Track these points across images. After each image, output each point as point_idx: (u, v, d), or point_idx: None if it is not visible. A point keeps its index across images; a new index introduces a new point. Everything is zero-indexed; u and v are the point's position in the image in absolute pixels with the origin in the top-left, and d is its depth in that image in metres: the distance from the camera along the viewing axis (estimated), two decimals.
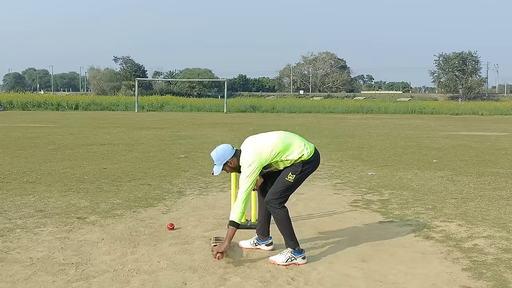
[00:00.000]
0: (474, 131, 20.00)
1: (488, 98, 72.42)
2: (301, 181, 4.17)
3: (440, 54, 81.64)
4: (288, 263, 3.96)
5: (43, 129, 18.11)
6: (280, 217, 4.05)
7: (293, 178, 4.06)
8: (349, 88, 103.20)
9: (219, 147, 4.17)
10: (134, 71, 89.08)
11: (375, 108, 43.01)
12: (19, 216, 5.36)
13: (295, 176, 4.06)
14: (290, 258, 3.99)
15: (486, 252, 4.30)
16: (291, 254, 4.00)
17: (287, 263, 3.96)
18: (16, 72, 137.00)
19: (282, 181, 4.08)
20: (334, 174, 8.41)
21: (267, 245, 4.37)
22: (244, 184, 3.95)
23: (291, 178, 4.06)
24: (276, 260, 4.01)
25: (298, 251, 4.02)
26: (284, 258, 3.99)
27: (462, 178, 8.11)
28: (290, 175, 4.05)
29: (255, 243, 4.40)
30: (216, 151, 4.15)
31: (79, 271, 3.79)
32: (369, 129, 20.56)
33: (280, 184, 4.08)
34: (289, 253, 4.01)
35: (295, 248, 4.02)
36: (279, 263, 3.97)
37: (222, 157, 4.10)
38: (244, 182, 3.95)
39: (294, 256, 4.00)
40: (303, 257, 4.04)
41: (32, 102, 39.44)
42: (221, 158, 4.10)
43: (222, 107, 40.18)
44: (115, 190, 6.83)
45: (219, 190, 6.97)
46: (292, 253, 4.01)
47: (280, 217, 4.05)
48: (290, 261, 3.98)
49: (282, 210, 4.06)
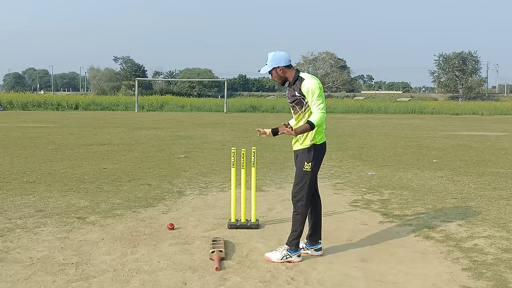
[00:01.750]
0: (474, 131, 20.00)
1: (488, 98, 72.39)
2: (316, 169, 4.13)
3: (440, 54, 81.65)
4: (283, 261, 4.02)
5: (43, 129, 18.10)
6: (299, 213, 4.09)
7: (310, 166, 4.06)
8: (349, 88, 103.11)
9: (279, 51, 4.12)
10: (134, 71, 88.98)
11: (375, 108, 43.00)
12: (19, 216, 5.36)
13: (310, 163, 4.06)
14: (285, 256, 4.04)
15: (486, 252, 4.30)
16: (287, 252, 4.05)
17: (282, 261, 4.02)
18: (16, 72, 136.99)
19: (300, 172, 4.08)
20: (334, 174, 8.41)
21: (316, 250, 4.28)
22: (318, 103, 3.94)
23: (308, 167, 4.06)
24: (271, 257, 4.06)
25: (294, 250, 4.07)
26: (279, 255, 4.05)
27: (462, 178, 8.11)
28: (306, 164, 4.06)
29: (304, 248, 4.29)
30: (274, 52, 4.11)
31: (79, 271, 3.79)
32: (369, 129, 20.56)
33: (300, 176, 4.08)
34: (284, 250, 4.06)
35: (293, 247, 4.07)
36: (274, 260, 4.03)
37: (277, 60, 4.07)
38: (318, 103, 3.94)
39: (290, 254, 4.06)
40: (298, 255, 4.09)
41: (32, 102, 39.42)
42: (275, 60, 4.07)
43: (222, 107, 40.16)
44: (115, 190, 6.83)
45: (219, 190, 6.97)
46: (288, 251, 4.06)
47: (300, 214, 4.09)
48: (285, 259, 4.03)
49: (305, 208, 4.10)
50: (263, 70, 4.13)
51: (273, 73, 4.11)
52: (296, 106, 4.10)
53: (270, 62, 4.09)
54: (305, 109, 4.04)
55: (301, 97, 4.03)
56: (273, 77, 4.15)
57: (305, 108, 4.04)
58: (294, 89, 4.08)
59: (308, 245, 4.30)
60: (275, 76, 4.12)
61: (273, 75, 4.13)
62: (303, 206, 4.09)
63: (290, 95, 4.14)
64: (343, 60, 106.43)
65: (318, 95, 3.95)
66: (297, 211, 4.11)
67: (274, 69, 4.09)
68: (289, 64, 4.09)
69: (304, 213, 4.12)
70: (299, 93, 4.03)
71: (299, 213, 4.10)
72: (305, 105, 4.03)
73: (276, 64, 4.07)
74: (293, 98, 4.10)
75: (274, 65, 4.07)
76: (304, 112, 4.06)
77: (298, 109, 4.09)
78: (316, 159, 4.09)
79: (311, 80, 4.00)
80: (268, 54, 4.13)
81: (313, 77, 4.05)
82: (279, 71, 4.08)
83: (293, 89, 4.09)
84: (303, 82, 4.01)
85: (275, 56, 4.08)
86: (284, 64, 4.07)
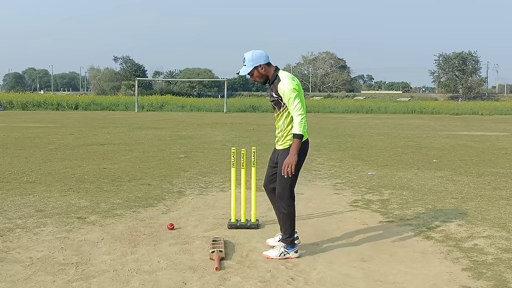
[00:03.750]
0: (474, 131, 20.00)
1: (488, 98, 72.40)
2: (299, 167, 4.11)
3: (440, 54, 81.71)
4: (281, 257, 4.08)
5: (43, 129, 18.10)
6: (288, 212, 4.13)
7: None
8: (349, 88, 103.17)
9: (256, 50, 4.07)
10: (134, 71, 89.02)
11: (375, 108, 43.01)
12: (19, 216, 5.36)
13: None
14: (283, 252, 4.12)
15: (486, 252, 4.30)
16: (284, 249, 4.12)
17: (280, 257, 4.08)
18: (16, 72, 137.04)
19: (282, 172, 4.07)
20: (334, 174, 8.41)
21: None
22: (294, 106, 3.91)
23: None
24: (270, 255, 4.12)
25: (291, 246, 4.14)
26: (277, 252, 4.12)
27: (462, 178, 8.11)
28: None
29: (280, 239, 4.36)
30: (252, 52, 4.05)
31: (79, 271, 3.79)
32: (369, 129, 20.55)
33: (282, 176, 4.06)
34: (282, 247, 4.12)
35: (289, 244, 4.13)
36: (273, 257, 4.10)
37: (256, 59, 4.02)
38: (294, 104, 3.91)
39: (287, 251, 4.13)
40: (296, 251, 4.16)
41: (32, 102, 39.45)
42: (255, 60, 4.02)
43: (222, 107, 40.17)
44: (115, 190, 6.83)
45: (219, 190, 6.97)
46: (285, 248, 4.13)
47: (289, 212, 4.13)
48: (283, 256, 4.10)
49: (292, 207, 4.14)
50: (242, 71, 4.06)
51: (255, 72, 4.05)
52: (275, 107, 4.11)
53: (250, 62, 4.02)
54: (283, 109, 4.05)
55: (279, 98, 4.01)
56: (253, 77, 4.09)
57: (283, 108, 4.05)
58: (272, 89, 4.07)
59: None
60: (257, 76, 4.07)
61: (254, 75, 4.07)
62: (288, 206, 4.12)
63: (269, 94, 4.14)
64: (343, 60, 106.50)
65: (294, 98, 3.91)
66: (285, 212, 4.14)
67: (255, 69, 4.03)
68: (268, 62, 4.07)
69: (291, 212, 4.13)
70: (276, 94, 4.02)
71: (285, 213, 4.14)
72: (283, 106, 4.03)
73: (256, 63, 4.02)
74: (271, 98, 4.10)
75: (255, 64, 4.02)
76: (282, 112, 4.07)
77: (277, 109, 4.10)
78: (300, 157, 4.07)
79: (286, 82, 3.95)
80: (245, 54, 4.06)
81: (289, 78, 3.99)
82: (261, 70, 4.04)
83: (271, 89, 4.08)
84: (279, 83, 3.98)
85: (254, 55, 4.03)
86: (264, 62, 4.04)
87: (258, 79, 4.09)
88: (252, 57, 4.02)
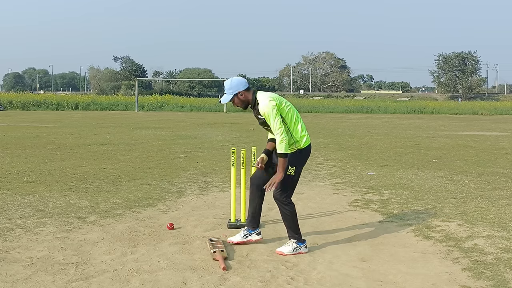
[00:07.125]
0: (474, 131, 20.00)
1: (488, 98, 72.44)
2: (299, 172, 4.26)
3: (440, 54, 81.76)
4: (294, 253, 4.20)
5: (43, 129, 18.10)
6: (288, 212, 4.23)
7: (293, 170, 4.16)
8: (349, 88, 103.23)
9: (234, 78, 4.22)
10: (134, 71, 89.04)
11: (375, 108, 43.02)
12: (19, 216, 5.36)
13: (294, 167, 4.16)
14: (296, 248, 4.22)
15: (486, 252, 4.30)
16: (296, 245, 4.23)
17: (294, 253, 4.20)
18: (16, 72, 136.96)
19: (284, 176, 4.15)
20: (334, 174, 8.40)
21: (257, 234, 4.50)
22: (274, 126, 4.02)
23: (291, 171, 4.15)
24: (283, 251, 4.22)
25: (301, 241, 4.26)
26: (290, 248, 4.22)
27: (462, 178, 8.11)
28: (290, 168, 4.13)
29: (246, 235, 4.48)
30: (230, 80, 4.19)
31: (79, 270, 3.79)
32: (369, 129, 20.55)
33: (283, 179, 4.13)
34: (294, 243, 4.24)
35: (299, 239, 4.25)
36: (286, 253, 4.19)
37: (235, 86, 4.16)
38: (273, 124, 4.02)
39: (299, 246, 4.24)
40: (305, 246, 4.30)
41: (32, 102, 39.45)
42: (234, 87, 4.15)
43: (222, 107, 40.16)
44: (115, 190, 6.83)
45: (219, 190, 6.97)
46: (296, 243, 4.24)
47: (288, 212, 4.23)
48: (296, 251, 4.21)
49: (290, 206, 4.23)
50: (224, 99, 4.20)
51: (235, 99, 4.19)
52: (264, 125, 4.23)
53: (229, 90, 4.17)
54: None
55: (264, 118, 4.13)
56: (235, 103, 4.23)
57: None
58: (255, 110, 4.19)
59: (249, 231, 4.47)
60: (238, 102, 4.21)
61: (235, 102, 4.21)
62: (289, 206, 4.23)
63: (256, 116, 4.25)
64: (343, 60, 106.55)
65: (273, 118, 4.02)
66: (285, 212, 4.24)
67: (235, 96, 4.17)
68: (247, 87, 4.19)
69: (292, 211, 4.24)
70: (261, 116, 4.13)
71: (287, 213, 4.24)
72: None
73: (236, 90, 4.16)
74: (259, 120, 4.22)
75: (235, 92, 4.16)
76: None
77: (268, 126, 4.19)
78: (299, 163, 4.22)
79: (264, 104, 4.06)
80: (224, 83, 4.23)
81: (266, 99, 4.09)
82: (241, 96, 4.18)
83: (255, 111, 4.20)
84: (259, 106, 4.11)
85: (233, 83, 4.17)
86: (243, 88, 4.17)
87: (240, 105, 4.24)
88: (231, 85, 4.17)
